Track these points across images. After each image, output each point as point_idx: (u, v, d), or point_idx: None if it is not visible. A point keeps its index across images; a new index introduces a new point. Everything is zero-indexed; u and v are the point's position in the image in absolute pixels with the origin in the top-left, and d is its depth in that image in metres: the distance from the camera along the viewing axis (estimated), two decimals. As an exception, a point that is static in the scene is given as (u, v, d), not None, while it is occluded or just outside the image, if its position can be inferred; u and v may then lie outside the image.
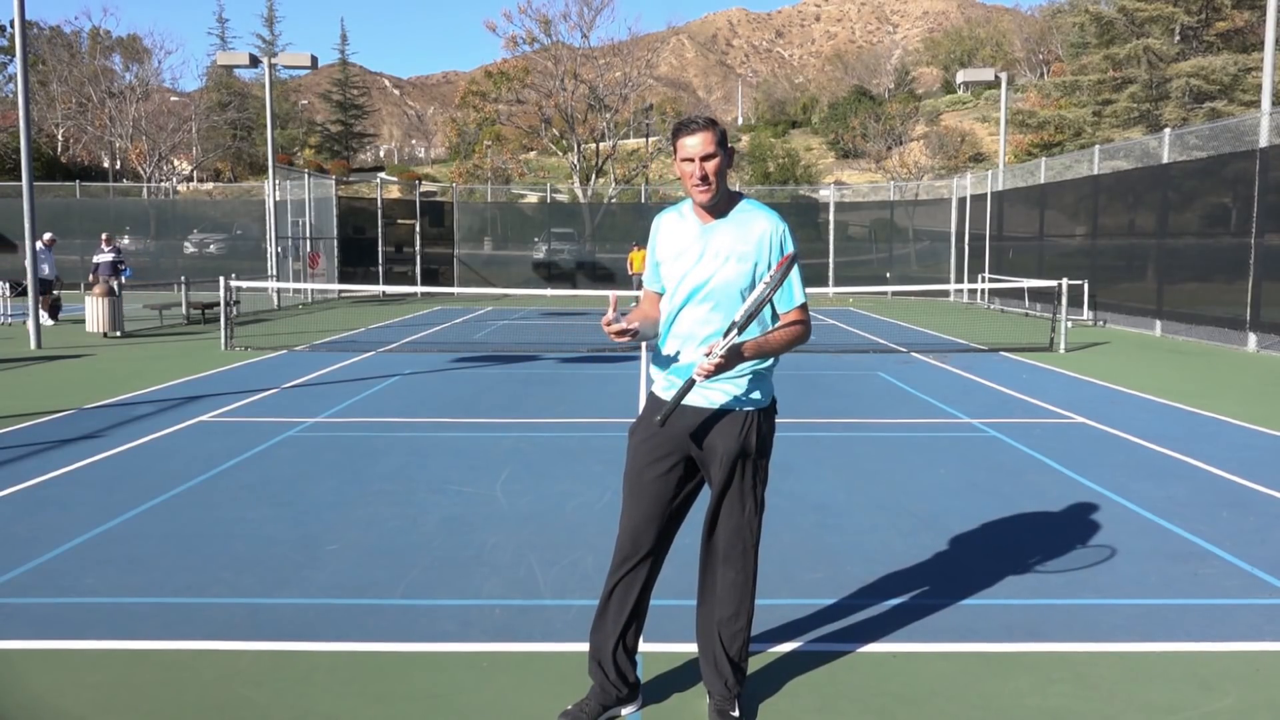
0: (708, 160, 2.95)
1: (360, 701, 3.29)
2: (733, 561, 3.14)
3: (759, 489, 3.14)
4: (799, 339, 3.10)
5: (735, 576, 3.15)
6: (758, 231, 3.04)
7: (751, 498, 3.12)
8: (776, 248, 3.03)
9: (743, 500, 3.11)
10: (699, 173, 2.96)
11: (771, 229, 3.05)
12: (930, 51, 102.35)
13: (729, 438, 3.05)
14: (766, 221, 3.06)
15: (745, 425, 3.07)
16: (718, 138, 2.97)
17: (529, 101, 40.12)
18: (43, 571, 4.56)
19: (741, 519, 3.12)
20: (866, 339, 15.90)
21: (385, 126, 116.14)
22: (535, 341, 15.37)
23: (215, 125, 57.61)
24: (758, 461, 3.12)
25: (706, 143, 2.95)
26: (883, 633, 3.87)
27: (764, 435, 3.12)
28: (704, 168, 2.95)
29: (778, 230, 3.05)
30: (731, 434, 3.05)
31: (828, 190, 35.77)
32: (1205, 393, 10.15)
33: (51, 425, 8.13)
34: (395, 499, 5.86)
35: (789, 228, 3.10)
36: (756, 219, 3.06)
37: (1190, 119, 28.92)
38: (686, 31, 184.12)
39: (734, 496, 3.10)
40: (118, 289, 16.22)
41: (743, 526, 3.12)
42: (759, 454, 3.11)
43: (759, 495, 3.15)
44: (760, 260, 3.02)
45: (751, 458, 3.09)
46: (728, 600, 3.16)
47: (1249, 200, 14.46)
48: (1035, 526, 5.36)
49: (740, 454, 3.06)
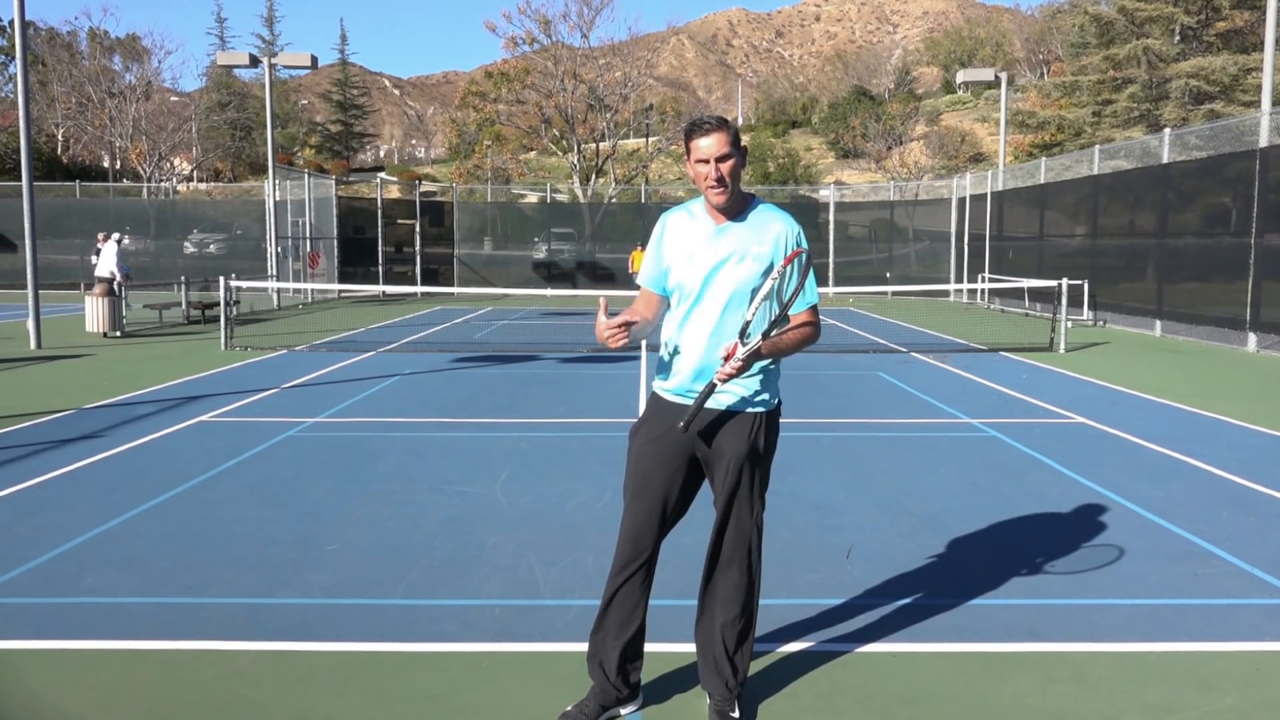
0: (723, 161, 2.91)
1: (360, 701, 3.29)
2: (738, 564, 3.14)
3: (763, 491, 3.15)
4: (810, 339, 3.10)
5: (740, 579, 3.15)
6: (774, 233, 3.03)
7: (758, 501, 3.12)
8: (792, 249, 3.02)
9: (751, 503, 3.10)
10: (715, 174, 2.92)
11: (786, 230, 3.05)
12: (930, 51, 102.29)
13: (738, 440, 3.03)
14: (781, 223, 3.05)
15: (754, 427, 3.05)
16: (731, 138, 2.93)
17: (529, 102, 40.10)
18: (42, 571, 4.56)
19: (749, 521, 3.11)
20: (866, 339, 15.90)
21: (385, 126, 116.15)
22: (535, 341, 15.37)
23: (215, 125, 57.61)
24: (765, 464, 3.12)
25: (721, 143, 2.91)
26: (883, 633, 3.87)
27: (771, 437, 3.12)
28: (720, 169, 2.92)
29: (792, 231, 3.05)
30: (740, 436, 3.04)
31: (828, 190, 35.77)
32: (1205, 393, 10.15)
33: (51, 425, 8.13)
34: (395, 499, 5.86)
35: (803, 229, 3.11)
36: (772, 220, 3.05)
37: (1190, 119, 28.91)
38: (686, 31, 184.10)
39: (742, 499, 3.08)
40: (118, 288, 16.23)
41: (750, 530, 3.12)
42: (766, 456, 3.11)
43: (763, 497, 3.15)
44: (776, 262, 3.01)
45: (759, 460, 3.09)
46: (731, 603, 3.16)
47: (1249, 200, 14.46)
48: (1035, 526, 5.36)
49: (749, 456, 3.05)
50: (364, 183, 46.34)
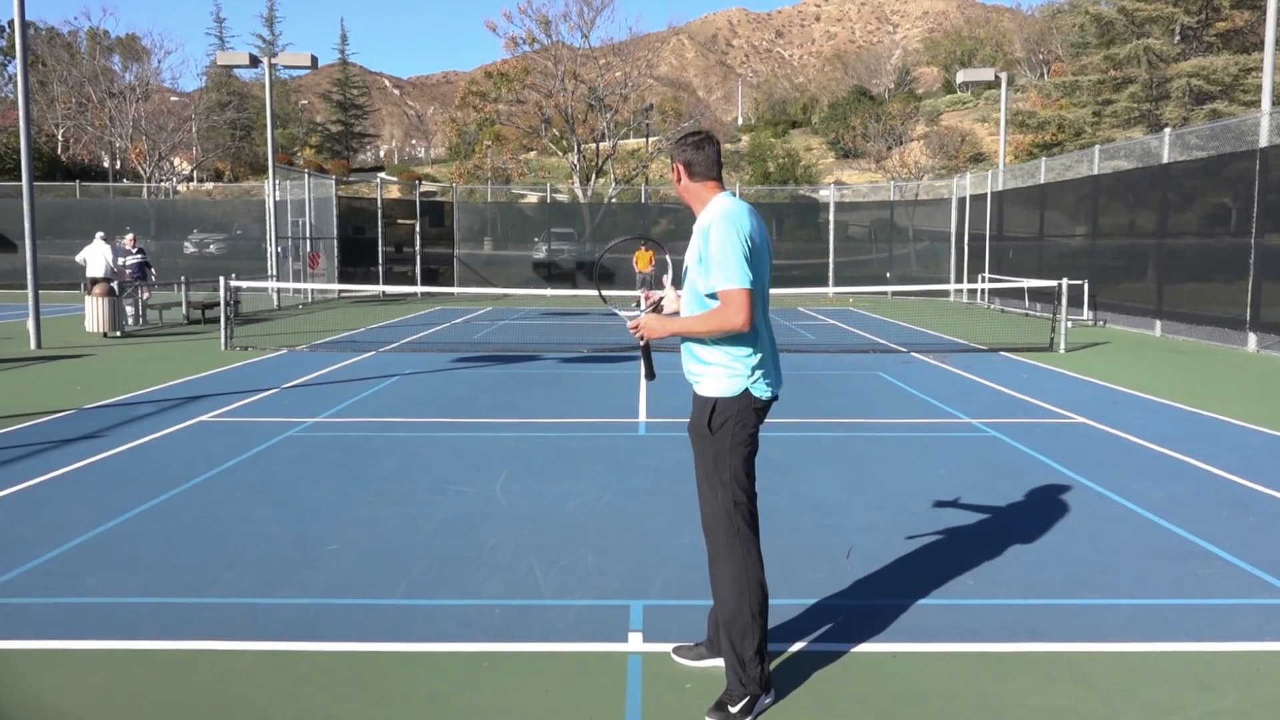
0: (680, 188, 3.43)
1: (360, 701, 3.29)
2: (719, 553, 3.24)
3: (725, 476, 3.21)
4: (713, 324, 3.16)
5: (724, 570, 3.23)
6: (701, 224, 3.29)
7: (720, 485, 3.21)
8: (699, 234, 3.24)
9: (710, 486, 3.24)
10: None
11: (708, 221, 3.25)
12: (930, 51, 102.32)
13: (694, 418, 3.31)
14: (707, 212, 3.29)
15: (703, 408, 3.27)
16: (676, 168, 3.37)
17: (529, 102, 40.08)
18: (43, 571, 4.56)
19: (716, 506, 3.23)
20: (866, 339, 15.90)
21: (385, 126, 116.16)
22: (535, 341, 15.37)
23: (215, 125, 57.59)
24: (714, 449, 3.21)
25: (674, 173, 3.37)
26: (883, 633, 3.87)
27: (722, 425, 3.21)
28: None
29: (705, 217, 3.27)
30: (696, 415, 3.31)
31: (828, 190, 35.76)
32: (1205, 393, 10.15)
33: (51, 425, 8.13)
34: (395, 499, 5.86)
35: (735, 219, 3.17)
36: (706, 213, 3.30)
37: (1190, 119, 28.91)
38: (686, 31, 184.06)
39: (700, 481, 3.29)
40: (146, 292, 16.36)
41: (719, 515, 3.23)
42: (716, 442, 3.22)
43: (727, 483, 3.21)
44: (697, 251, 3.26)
45: (707, 444, 3.23)
46: (728, 598, 3.21)
47: (1249, 200, 14.45)
48: (1035, 526, 5.36)
49: (696, 435, 3.28)
50: (364, 183, 46.35)
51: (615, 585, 4.40)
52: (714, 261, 3.12)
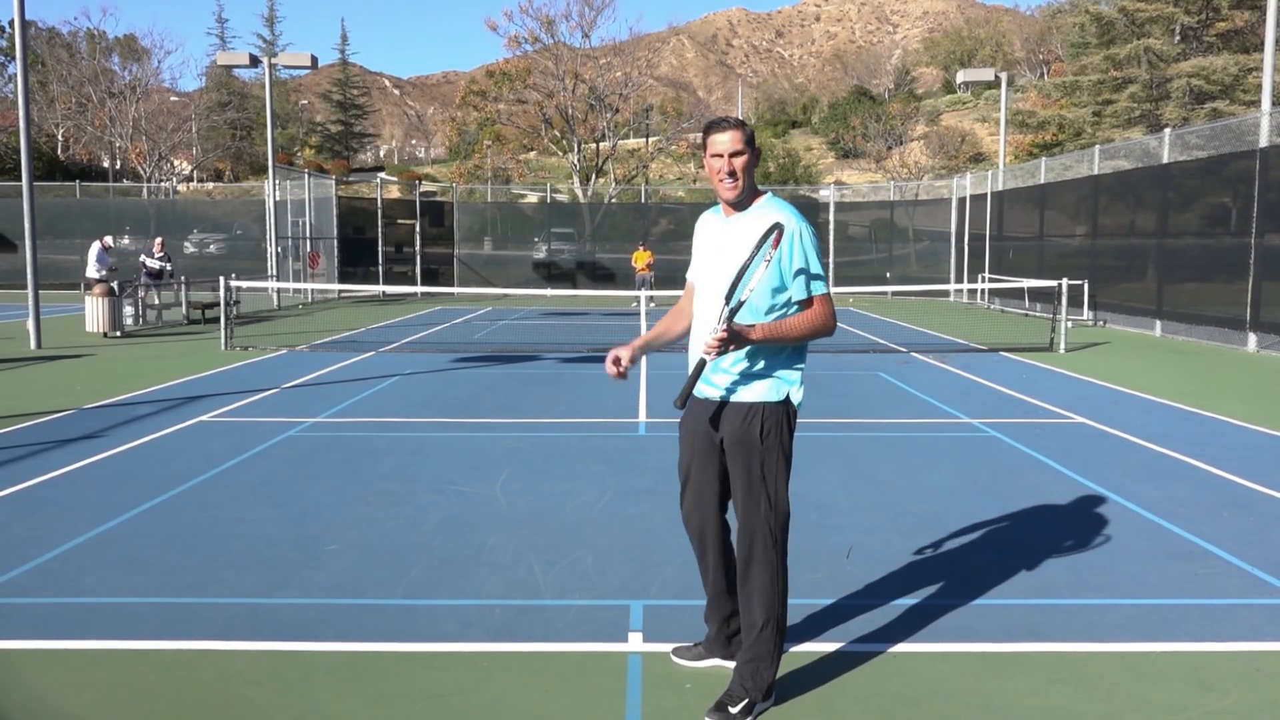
0: (736, 157, 3.12)
1: (360, 701, 3.29)
2: (753, 563, 3.17)
3: (771, 486, 3.15)
4: (816, 327, 3.12)
5: (758, 579, 3.17)
6: (769, 221, 3.10)
7: (765, 496, 3.14)
8: (786, 239, 3.08)
9: (754, 496, 3.15)
10: (727, 168, 3.12)
11: (782, 219, 3.10)
12: (930, 51, 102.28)
13: (732, 429, 3.17)
14: (778, 213, 3.13)
15: (748, 417, 3.15)
16: (746, 136, 3.15)
17: (529, 101, 40.06)
18: (43, 571, 4.56)
19: (758, 518, 3.15)
20: (866, 339, 15.90)
21: (385, 126, 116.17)
22: (535, 341, 15.37)
23: (215, 125, 57.55)
24: (762, 458, 3.13)
25: (735, 140, 3.12)
26: (883, 633, 3.87)
27: (772, 432, 3.14)
28: (732, 163, 3.12)
29: (789, 220, 3.10)
30: (733, 425, 3.17)
31: (828, 190, 35.77)
32: (1205, 393, 10.15)
33: (51, 425, 8.13)
34: (395, 499, 5.86)
35: (809, 225, 3.15)
36: (772, 212, 3.15)
37: (1191, 119, 28.91)
38: (686, 31, 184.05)
39: (739, 491, 3.19)
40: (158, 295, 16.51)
41: (759, 527, 3.15)
42: (766, 450, 3.13)
43: (771, 494, 3.15)
44: (768, 247, 3.07)
45: (753, 453, 3.13)
46: (757, 607, 3.17)
47: (1249, 200, 14.45)
48: (1035, 526, 5.36)
49: (740, 446, 3.15)
50: (364, 183, 46.33)
51: (615, 585, 4.40)
52: (810, 267, 3.11)
